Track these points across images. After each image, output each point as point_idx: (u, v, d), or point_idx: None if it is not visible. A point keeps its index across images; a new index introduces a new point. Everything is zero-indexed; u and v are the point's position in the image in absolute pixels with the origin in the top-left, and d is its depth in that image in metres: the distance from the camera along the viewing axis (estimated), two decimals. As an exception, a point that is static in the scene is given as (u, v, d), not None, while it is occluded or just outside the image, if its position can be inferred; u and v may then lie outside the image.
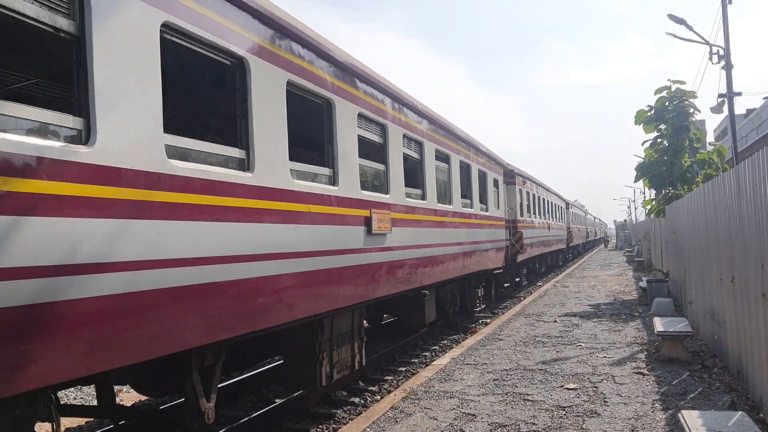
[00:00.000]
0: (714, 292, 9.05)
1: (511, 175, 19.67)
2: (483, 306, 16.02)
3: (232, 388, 8.45)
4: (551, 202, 29.85)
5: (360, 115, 8.13)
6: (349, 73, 7.85)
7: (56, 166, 3.77)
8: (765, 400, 6.21)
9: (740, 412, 5.31)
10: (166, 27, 4.80)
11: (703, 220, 9.72)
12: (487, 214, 15.43)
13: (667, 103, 18.39)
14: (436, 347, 12.24)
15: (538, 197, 25.38)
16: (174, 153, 4.82)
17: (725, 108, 20.61)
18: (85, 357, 3.95)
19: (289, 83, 6.42)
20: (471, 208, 13.80)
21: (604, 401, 7.19)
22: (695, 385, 7.79)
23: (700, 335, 10.61)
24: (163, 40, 4.76)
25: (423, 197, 10.52)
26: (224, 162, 5.49)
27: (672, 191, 18.25)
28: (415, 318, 11.37)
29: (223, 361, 5.76)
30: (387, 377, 9.86)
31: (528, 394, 7.60)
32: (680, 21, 19.49)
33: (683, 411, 5.52)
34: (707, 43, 20.20)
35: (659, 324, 9.74)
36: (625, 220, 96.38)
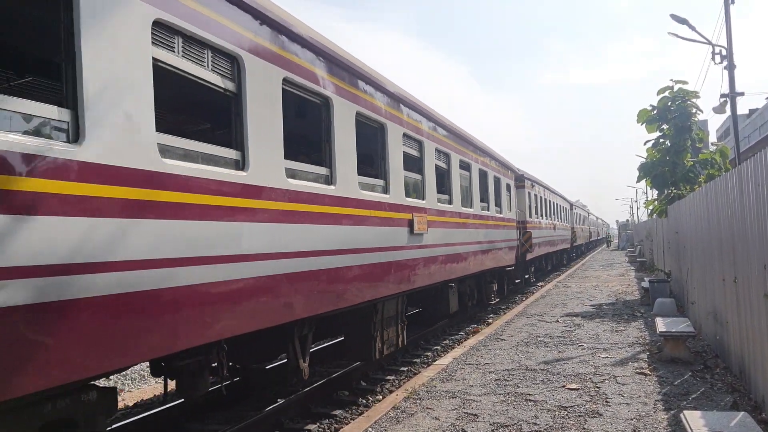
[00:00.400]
0: (716, 292, 9.04)
1: (520, 180, 20.77)
2: (497, 299, 17.34)
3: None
4: (556, 204, 31.09)
5: (404, 135, 9.63)
6: (396, 100, 9.39)
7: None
8: (767, 401, 6.21)
9: (742, 413, 5.30)
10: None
11: (706, 221, 9.71)
12: (501, 215, 16.81)
13: (669, 103, 18.35)
14: (438, 347, 12.25)
15: (545, 199, 26.58)
16: (290, 173, 6.47)
17: (728, 108, 20.58)
18: (249, 319, 5.65)
19: (358, 114, 8.01)
20: (488, 210, 15.26)
21: (606, 401, 7.19)
22: (697, 385, 7.79)
23: (703, 335, 10.59)
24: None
25: (450, 202, 11.98)
26: (317, 178, 7.08)
27: (674, 191, 18.21)
28: (441, 308, 12.64)
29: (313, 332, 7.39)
30: (389, 377, 9.87)
31: (530, 394, 7.60)
32: (683, 21, 19.46)
33: (685, 411, 5.52)
34: (710, 43, 20.17)
35: (661, 324, 9.73)
36: (627, 220, 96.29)
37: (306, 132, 8.32)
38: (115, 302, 4.14)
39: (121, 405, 8.55)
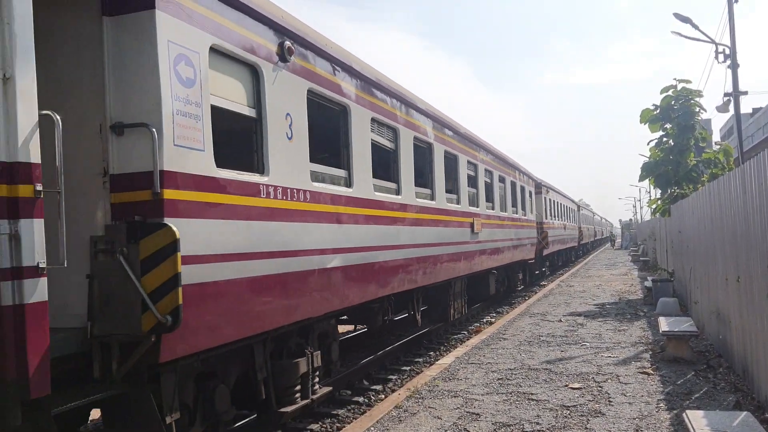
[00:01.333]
0: (719, 291, 9.02)
1: (539, 187, 24.33)
2: (522, 287, 21.24)
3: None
4: (566, 206, 34.73)
5: (468, 161, 13.30)
6: (464, 137, 13.24)
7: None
8: (770, 400, 6.19)
9: (745, 412, 5.29)
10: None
11: (709, 220, 9.69)
12: (526, 218, 20.42)
13: (672, 102, 18.32)
14: (441, 346, 12.25)
15: (557, 202, 30.23)
16: (418, 194, 10.20)
17: (731, 107, 20.53)
18: (402, 283, 9.28)
19: (446, 152, 11.72)
20: (517, 213, 18.91)
21: (609, 401, 7.18)
22: (700, 384, 7.77)
23: (705, 335, 10.57)
24: None
25: (493, 208, 15.56)
26: (427, 196, 10.65)
27: (677, 191, 18.18)
28: (482, 291, 15.70)
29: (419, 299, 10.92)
30: (391, 376, 9.87)
31: (532, 394, 7.59)
32: (686, 20, 19.40)
33: (688, 411, 5.52)
34: (713, 42, 20.12)
35: (664, 323, 9.71)
36: (631, 220, 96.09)
37: (422, 164, 10.92)
38: (362, 268, 7.87)
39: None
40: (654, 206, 21.44)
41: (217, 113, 5.31)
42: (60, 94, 4.69)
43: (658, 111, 18.63)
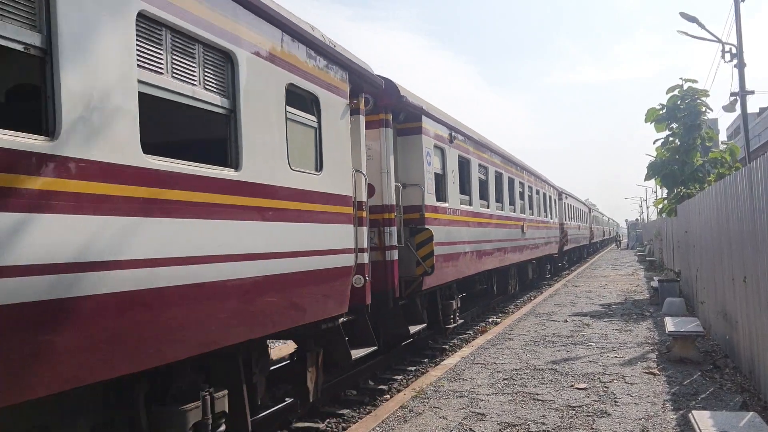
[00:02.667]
0: (726, 291, 8.99)
1: (560, 194, 29.34)
2: (549, 275, 27.30)
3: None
4: (580, 209, 40.46)
5: (518, 182, 18.55)
6: (517, 164, 18.58)
7: None
8: (777, 401, 6.17)
9: (751, 413, 5.28)
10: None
11: (715, 220, 9.66)
12: (552, 220, 25.69)
13: (678, 102, 18.26)
14: (446, 347, 12.23)
15: (573, 206, 35.92)
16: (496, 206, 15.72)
17: (738, 106, 20.43)
18: (474, 268, 13.56)
19: (509, 178, 16.86)
20: (547, 217, 24.30)
21: (615, 401, 7.17)
22: (706, 385, 7.75)
23: (712, 335, 10.53)
24: None
25: (533, 213, 20.99)
26: (500, 207, 15.66)
27: (684, 190, 18.12)
28: (523, 277, 20.67)
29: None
30: (396, 377, 9.87)
31: (538, 394, 7.58)
32: (692, 19, 19.31)
33: (694, 411, 5.50)
34: (719, 41, 20.03)
35: (670, 324, 9.68)
36: (637, 220, 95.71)
37: (499, 186, 16.02)
38: (479, 251, 13.60)
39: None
40: (660, 206, 21.37)
41: (435, 175, 11.18)
42: (387, 172, 9.38)
43: (664, 110, 18.56)
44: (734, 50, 19.69)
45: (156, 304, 4.19)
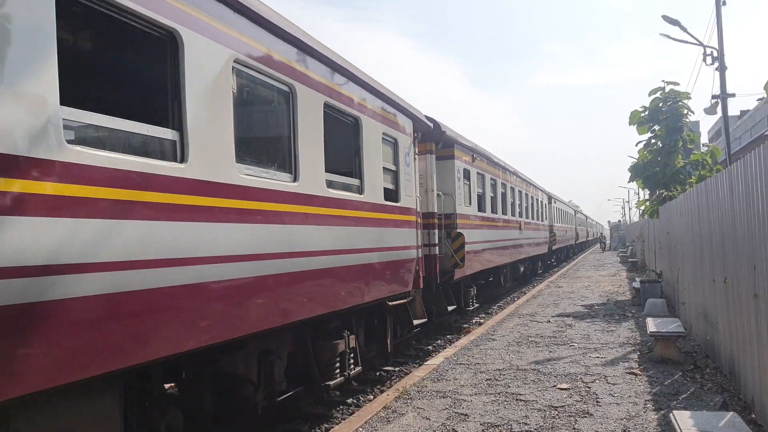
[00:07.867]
0: (706, 292, 9.07)
1: (550, 198, 32.39)
2: (541, 271, 31.03)
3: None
4: (566, 212, 43.69)
5: (518, 191, 21.78)
6: (512, 172, 21.00)
7: None
8: (756, 401, 6.23)
9: (731, 413, 5.32)
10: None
11: (696, 221, 9.75)
12: (543, 223, 29.10)
13: (660, 104, 18.38)
14: (429, 347, 12.25)
15: (561, 209, 39.02)
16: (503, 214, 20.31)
17: (719, 109, 20.67)
18: (491, 262, 17.87)
19: (511, 186, 20.83)
20: (539, 220, 27.64)
21: (597, 401, 7.21)
22: (687, 385, 7.81)
23: (693, 336, 10.63)
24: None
25: (528, 217, 24.17)
26: (508, 213, 20.04)
27: (665, 192, 18.27)
28: (515, 274, 23.20)
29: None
30: (380, 377, 9.85)
31: (520, 394, 7.60)
32: (674, 22, 19.50)
33: (675, 411, 5.54)
34: (701, 44, 20.25)
35: (652, 324, 9.76)
36: (620, 221, 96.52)
37: (511, 196, 20.37)
38: (499, 249, 18.68)
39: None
40: (642, 208, 21.54)
41: (462, 188, 14.63)
42: (432, 189, 12.60)
43: (646, 113, 18.71)
44: (716, 53, 19.92)
45: (326, 277, 7.05)
